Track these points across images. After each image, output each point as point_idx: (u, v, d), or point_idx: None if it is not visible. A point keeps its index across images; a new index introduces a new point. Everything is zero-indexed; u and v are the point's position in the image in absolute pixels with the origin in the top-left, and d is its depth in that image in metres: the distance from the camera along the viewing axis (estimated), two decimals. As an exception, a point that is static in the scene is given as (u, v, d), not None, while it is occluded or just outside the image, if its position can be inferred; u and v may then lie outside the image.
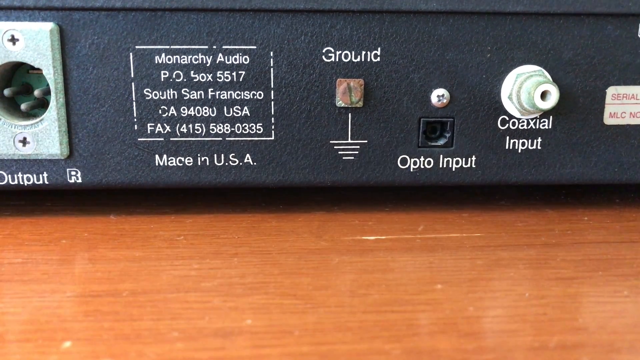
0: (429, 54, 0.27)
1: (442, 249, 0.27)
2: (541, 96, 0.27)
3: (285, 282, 0.24)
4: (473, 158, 0.29)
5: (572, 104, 0.28)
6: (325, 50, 0.27)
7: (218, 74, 0.27)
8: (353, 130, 0.28)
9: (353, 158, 0.28)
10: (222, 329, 0.20)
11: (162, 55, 0.27)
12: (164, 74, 0.27)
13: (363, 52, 0.27)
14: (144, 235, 0.27)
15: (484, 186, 0.33)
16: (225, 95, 0.27)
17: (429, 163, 0.29)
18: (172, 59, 0.27)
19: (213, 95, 0.27)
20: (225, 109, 0.28)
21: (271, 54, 0.27)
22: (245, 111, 0.28)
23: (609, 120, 0.29)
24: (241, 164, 0.28)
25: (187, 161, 0.28)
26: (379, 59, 0.27)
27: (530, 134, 0.28)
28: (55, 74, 0.26)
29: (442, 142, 0.28)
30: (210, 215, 0.30)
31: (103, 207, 0.30)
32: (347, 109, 0.28)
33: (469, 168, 0.29)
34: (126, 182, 0.28)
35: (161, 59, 0.27)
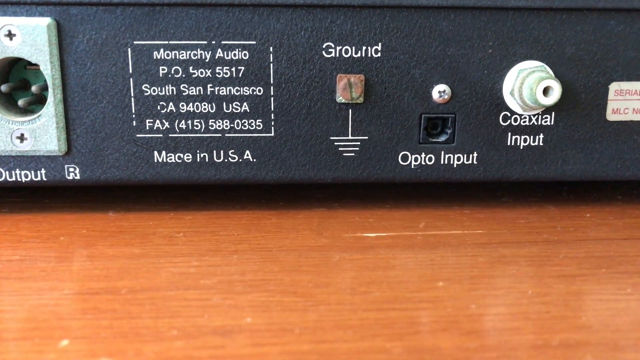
0: (430, 49, 0.27)
1: (443, 246, 0.27)
2: (543, 92, 0.26)
3: (285, 280, 0.23)
4: (474, 154, 0.28)
5: (575, 100, 0.28)
6: (325, 45, 0.27)
7: (217, 69, 0.27)
8: (353, 126, 0.28)
9: (353, 154, 0.28)
10: (222, 327, 0.20)
11: (161, 50, 0.27)
12: (162, 70, 0.27)
13: (364, 48, 0.27)
14: (142, 232, 0.27)
15: (485, 183, 0.33)
16: (225, 91, 0.27)
17: (430, 159, 0.28)
18: (171, 54, 0.27)
19: (212, 91, 0.27)
20: (225, 105, 0.27)
21: (271, 49, 0.27)
22: (245, 107, 0.27)
23: (611, 117, 0.28)
24: (241, 160, 0.28)
25: (186, 157, 0.28)
26: (379, 54, 0.27)
27: (532, 130, 0.28)
28: (52, 69, 0.26)
29: (443, 138, 0.28)
30: (210, 212, 0.30)
31: (101, 204, 0.30)
32: (347, 105, 0.28)
33: (471, 164, 0.29)
34: (125, 178, 0.28)
35: (160, 54, 0.27)
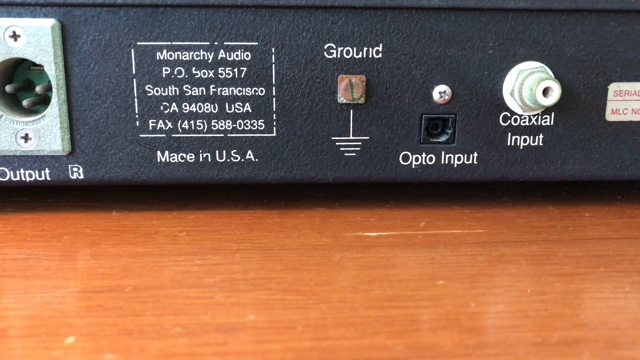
0: (431, 50, 0.27)
1: (443, 245, 0.27)
2: (543, 92, 0.27)
3: (287, 278, 0.24)
4: (475, 154, 0.29)
5: (574, 100, 0.28)
6: (327, 46, 0.27)
7: (219, 70, 0.27)
8: (355, 126, 0.28)
9: (355, 154, 0.28)
10: (225, 324, 0.21)
11: (164, 51, 0.27)
12: (165, 71, 0.27)
13: (365, 49, 0.27)
14: (146, 232, 0.28)
15: (485, 182, 0.33)
16: (227, 91, 0.27)
17: (430, 159, 0.29)
18: (174, 55, 0.27)
19: (215, 92, 0.27)
20: (227, 105, 0.28)
21: (273, 50, 0.27)
22: (247, 107, 0.28)
23: (610, 117, 0.29)
24: (243, 160, 0.28)
25: (189, 157, 0.28)
26: (380, 55, 0.27)
27: (532, 130, 0.28)
28: (56, 70, 0.26)
29: (443, 138, 0.28)
30: (212, 212, 0.30)
31: (105, 203, 0.30)
32: (348, 106, 0.28)
33: (471, 164, 0.29)
34: (128, 178, 0.28)
35: (163, 55, 0.27)
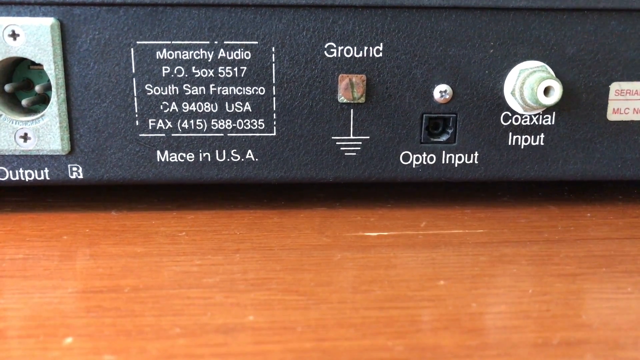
0: (432, 49, 0.27)
1: (444, 245, 0.27)
2: (544, 92, 0.27)
3: (287, 278, 0.24)
4: (476, 154, 0.29)
5: (575, 100, 0.28)
6: (327, 45, 0.27)
7: (219, 69, 0.27)
8: (355, 126, 0.28)
9: (355, 154, 0.28)
10: (224, 325, 0.20)
11: (164, 50, 0.27)
12: (165, 70, 0.27)
13: (365, 48, 0.27)
14: (145, 231, 0.27)
15: (486, 182, 0.33)
16: (227, 91, 0.27)
17: (431, 159, 0.28)
18: (174, 54, 0.27)
19: (214, 91, 0.27)
20: (227, 104, 0.27)
21: (273, 49, 0.27)
22: (247, 107, 0.28)
23: (612, 116, 0.28)
24: (243, 160, 0.28)
25: (189, 157, 0.28)
26: (381, 54, 0.27)
27: (533, 130, 0.28)
28: (56, 69, 0.26)
29: (444, 138, 0.28)
30: (212, 211, 0.30)
31: (104, 203, 0.30)
32: (349, 105, 0.28)
33: (472, 164, 0.29)
34: (127, 178, 0.28)
35: (162, 54, 0.27)
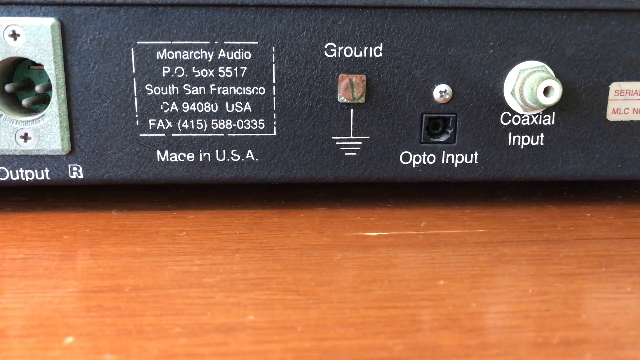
0: (432, 49, 0.27)
1: (444, 245, 0.27)
2: (544, 92, 0.27)
3: (287, 278, 0.24)
4: (475, 154, 0.29)
5: (575, 100, 0.28)
6: (327, 45, 0.27)
7: (220, 69, 0.27)
8: (355, 126, 0.28)
9: (355, 154, 0.28)
10: (225, 324, 0.20)
11: (164, 50, 0.27)
12: (165, 70, 0.27)
13: (365, 48, 0.27)
14: (145, 231, 0.27)
15: (486, 182, 0.33)
16: (227, 91, 0.27)
17: (431, 159, 0.28)
18: (174, 54, 0.27)
19: (215, 91, 0.27)
20: (227, 104, 0.27)
21: (273, 49, 0.27)
22: (247, 107, 0.28)
23: (611, 116, 0.28)
24: (243, 159, 0.28)
25: (189, 157, 0.28)
26: (381, 54, 0.27)
27: (533, 130, 0.28)
28: (56, 69, 0.26)
29: (444, 138, 0.28)
30: (212, 211, 0.30)
31: (105, 203, 0.30)
32: (349, 105, 0.28)
33: (472, 164, 0.29)
34: (128, 177, 0.28)
35: (162, 54, 0.27)
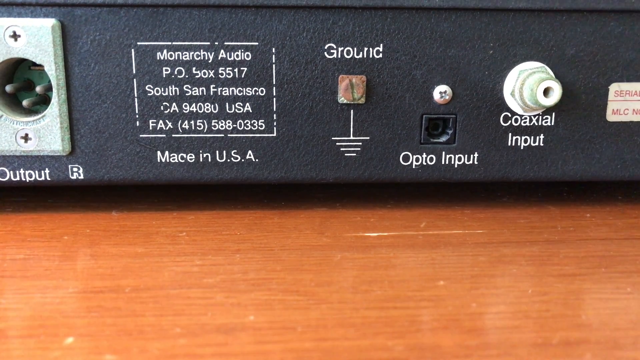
0: (432, 50, 0.27)
1: (444, 245, 0.27)
2: (544, 93, 0.27)
3: (287, 279, 0.24)
4: (475, 155, 0.29)
5: (575, 100, 0.28)
6: (327, 46, 0.27)
7: (220, 70, 0.27)
8: (355, 126, 0.28)
9: (355, 155, 0.28)
10: (225, 325, 0.20)
11: (164, 51, 0.27)
12: (165, 71, 0.27)
13: (365, 49, 0.27)
14: (145, 232, 0.28)
15: (486, 183, 0.33)
16: (227, 91, 0.27)
17: (431, 160, 0.29)
18: (174, 55, 0.27)
19: (215, 92, 0.27)
20: (227, 105, 0.28)
21: (273, 50, 0.27)
22: (247, 108, 0.28)
23: (611, 117, 0.29)
24: (243, 160, 0.28)
25: (189, 158, 0.28)
26: (381, 55, 0.27)
27: (533, 130, 0.28)
28: (57, 70, 0.26)
29: (444, 138, 0.28)
30: (212, 212, 0.30)
31: (105, 203, 0.30)
32: (349, 106, 0.28)
33: (472, 165, 0.29)
34: (128, 178, 0.28)
35: (163, 55, 0.27)
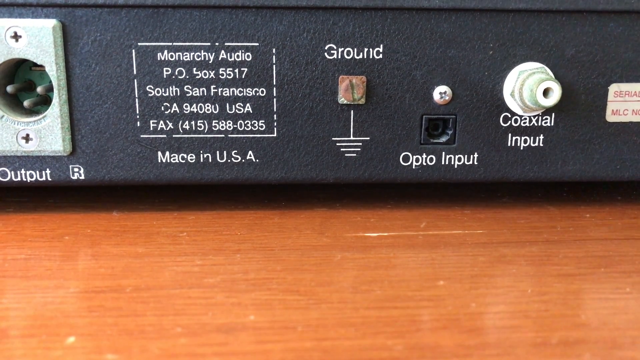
0: (432, 51, 0.27)
1: (444, 245, 0.27)
2: (543, 93, 0.27)
3: (287, 278, 0.24)
4: (475, 155, 0.29)
5: (575, 101, 0.28)
6: (327, 47, 0.27)
7: (220, 70, 0.27)
8: (355, 127, 0.28)
9: (355, 155, 0.28)
10: (226, 324, 0.21)
11: (165, 52, 0.27)
12: (166, 71, 0.27)
13: (365, 49, 0.27)
14: (146, 232, 0.28)
15: (486, 183, 0.33)
16: (228, 92, 0.27)
17: (431, 160, 0.29)
18: (175, 55, 0.27)
19: (215, 92, 0.27)
20: (228, 106, 0.28)
21: (273, 50, 0.27)
22: (248, 108, 0.28)
23: (611, 118, 0.29)
24: (243, 160, 0.28)
25: (190, 158, 0.28)
26: (381, 55, 0.27)
27: (533, 131, 0.28)
28: (57, 70, 0.26)
29: (444, 139, 0.29)
30: (213, 212, 0.30)
31: (106, 203, 0.31)
32: (349, 106, 0.28)
33: (471, 165, 0.29)
34: (129, 178, 0.28)
35: (163, 55, 0.27)
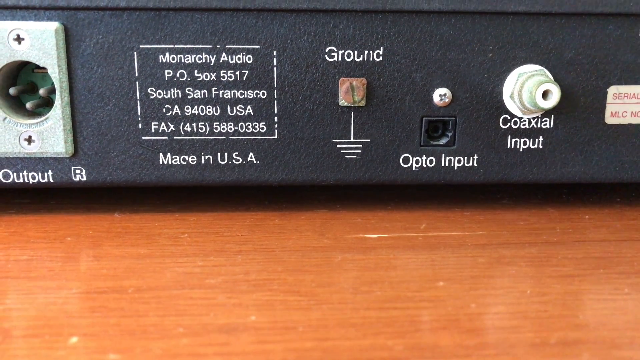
0: (432, 53, 0.27)
1: (444, 246, 0.27)
2: (543, 95, 0.27)
3: (288, 279, 0.24)
4: (475, 157, 0.29)
5: (574, 103, 0.28)
6: (328, 49, 0.27)
7: (222, 73, 0.27)
8: (355, 129, 0.28)
9: (356, 157, 0.29)
10: (227, 325, 0.21)
11: (166, 54, 0.27)
12: (167, 73, 0.27)
13: (366, 52, 0.27)
14: (148, 233, 0.28)
15: (485, 185, 0.33)
16: (229, 94, 0.28)
17: (431, 162, 0.29)
18: (176, 58, 0.27)
19: (217, 95, 0.28)
20: (229, 108, 0.28)
21: (274, 53, 0.27)
22: (249, 110, 0.28)
23: (610, 120, 0.29)
24: (244, 162, 0.28)
25: (191, 160, 0.28)
26: (381, 58, 0.27)
27: (532, 133, 0.29)
28: (60, 73, 0.26)
29: (444, 141, 0.29)
30: (214, 213, 0.30)
31: (107, 205, 0.31)
32: (349, 108, 0.28)
33: (471, 167, 0.29)
34: (130, 180, 0.28)
35: (165, 58, 0.27)
